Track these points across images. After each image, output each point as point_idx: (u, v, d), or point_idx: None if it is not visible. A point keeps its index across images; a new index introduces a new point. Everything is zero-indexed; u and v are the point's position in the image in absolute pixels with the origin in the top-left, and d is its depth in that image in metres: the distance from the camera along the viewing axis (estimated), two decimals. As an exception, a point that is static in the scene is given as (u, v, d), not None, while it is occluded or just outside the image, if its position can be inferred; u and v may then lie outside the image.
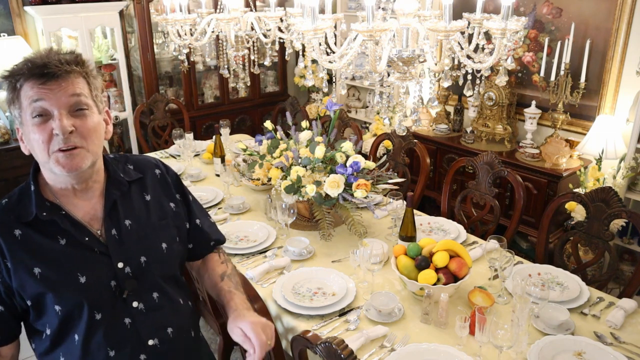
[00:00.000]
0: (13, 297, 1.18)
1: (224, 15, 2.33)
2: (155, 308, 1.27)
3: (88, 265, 1.19)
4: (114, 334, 1.22)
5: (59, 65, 1.12)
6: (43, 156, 1.14)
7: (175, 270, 1.38)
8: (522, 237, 3.43)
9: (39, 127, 1.12)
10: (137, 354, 1.24)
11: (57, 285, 1.16)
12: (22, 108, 1.13)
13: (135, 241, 1.26)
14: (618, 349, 1.62)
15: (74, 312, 1.18)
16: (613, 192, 2.04)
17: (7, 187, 3.62)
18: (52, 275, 1.16)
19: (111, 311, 1.21)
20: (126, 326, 1.23)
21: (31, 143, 1.15)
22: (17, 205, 1.19)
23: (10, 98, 1.14)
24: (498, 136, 3.48)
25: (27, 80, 1.11)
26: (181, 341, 1.33)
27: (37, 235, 1.17)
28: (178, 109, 4.15)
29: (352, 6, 4.39)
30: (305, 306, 1.82)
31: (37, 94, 1.10)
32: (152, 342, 1.26)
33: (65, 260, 1.18)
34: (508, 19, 1.42)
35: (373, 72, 1.53)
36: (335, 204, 2.24)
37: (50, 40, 3.75)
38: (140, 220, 1.29)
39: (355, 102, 4.79)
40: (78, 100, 1.14)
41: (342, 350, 1.19)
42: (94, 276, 1.19)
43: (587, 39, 3.05)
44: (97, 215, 1.25)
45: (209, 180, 3.03)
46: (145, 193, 1.34)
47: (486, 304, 1.76)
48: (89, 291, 1.18)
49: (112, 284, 1.21)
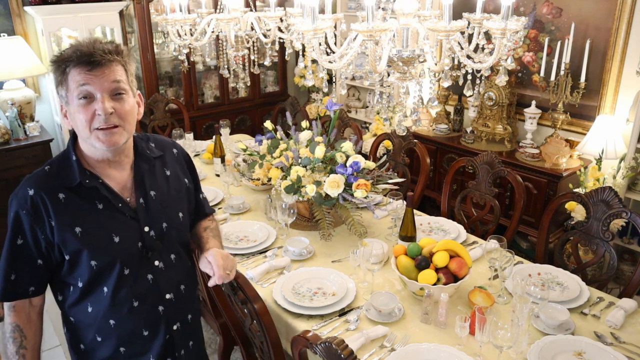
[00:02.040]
0: (52, 252, 1.34)
1: (224, 15, 2.33)
2: (172, 267, 1.47)
3: (121, 227, 1.38)
4: (139, 287, 1.40)
5: (103, 54, 1.28)
6: (85, 132, 1.31)
7: (188, 237, 1.58)
8: (522, 237, 3.43)
9: (83, 108, 1.29)
10: (156, 305, 1.44)
11: (96, 244, 1.34)
12: (69, 90, 1.29)
13: (158, 209, 1.45)
14: (618, 349, 1.62)
15: (107, 267, 1.36)
16: (613, 192, 2.04)
17: (8, 187, 3.61)
18: (92, 234, 1.34)
19: (137, 268, 1.40)
20: (149, 281, 1.42)
21: (75, 120, 1.31)
22: (60, 172, 1.36)
23: (59, 80, 1.30)
24: (498, 136, 3.48)
25: (75, 66, 1.27)
26: (189, 297, 1.54)
27: (78, 199, 1.34)
28: (178, 109, 4.15)
29: (352, 6, 4.39)
30: (305, 306, 1.82)
31: (84, 79, 1.27)
32: (168, 296, 1.46)
33: (102, 222, 1.36)
34: (508, 19, 1.42)
35: (373, 72, 1.53)
36: (335, 204, 2.24)
37: (51, 41, 3.75)
38: (163, 192, 1.48)
39: (355, 102, 4.79)
40: (117, 86, 1.31)
41: (342, 350, 1.19)
42: (125, 237, 1.38)
43: (587, 38, 3.05)
44: (127, 185, 1.42)
45: (209, 180, 3.03)
46: (166, 169, 1.53)
47: (486, 304, 1.76)
48: (121, 250, 1.37)
49: (139, 244, 1.40)
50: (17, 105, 3.70)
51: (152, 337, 1.45)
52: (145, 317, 1.43)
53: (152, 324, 1.44)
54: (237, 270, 1.59)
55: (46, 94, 4.11)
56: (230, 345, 2.30)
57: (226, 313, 1.99)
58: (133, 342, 1.43)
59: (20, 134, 3.66)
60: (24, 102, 3.75)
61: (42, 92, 4.10)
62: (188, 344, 1.54)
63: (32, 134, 3.73)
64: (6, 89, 3.74)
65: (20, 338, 1.37)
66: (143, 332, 1.43)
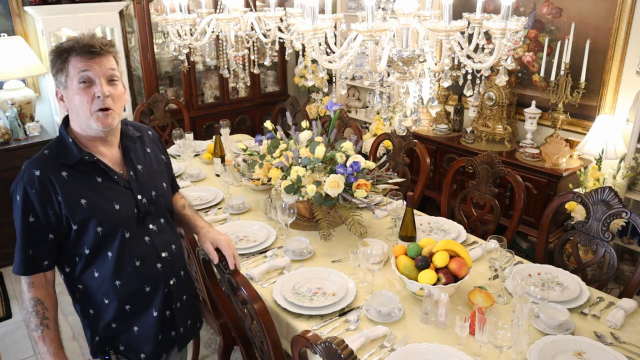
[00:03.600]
0: (61, 224, 1.49)
1: (224, 15, 2.33)
2: (163, 230, 1.68)
3: (119, 196, 1.56)
4: (139, 248, 1.59)
5: (102, 46, 1.48)
6: (86, 113, 1.48)
7: (171, 204, 1.81)
8: (522, 237, 3.43)
9: (84, 91, 1.46)
10: (154, 263, 1.63)
11: (100, 211, 1.51)
12: (68, 76, 1.46)
13: (146, 180, 1.66)
14: (618, 349, 1.62)
15: (111, 232, 1.53)
16: (613, 192, 2.04)
17: (7, 187, 3.60)
18: (96, 204, 1.51)
19: (135, 231, 1.59)
20: (146, 242, 1.62)
21: (74, 103, 1.48)
22: (59, 153, 1.51)
23: (60, 67, 1.47)
24: (498, 136, 3.48)
25: (77, 55, 1.45)
26: (180, 255, 1.75)
27: (79, 175, 1.51)
28: (178, 109, 4.15)
29: (352, 6, 4.39)
30: (305, 306, 1.82)
31: (85, 65, 1.45)
32: (164, 254, 1.65)
33: (103, 192, 1.54)
34: (508, 18, 1.42)
35: (373, 72, 1.53)
36: (335, 204, 2.24)
37: (51, 41, 3.75)
38: (147, 166, 1.69)
39: (355, 102, 4.79)
40: (112, 73, 1.51)
41: (342, 350, 1.19)
42: (124, 205, 1.56)
43: (587, 38, 3.05)
44: (117, 160, 1.62)
45: (209, 180, 3.03)
46: (146, 147, 1.74)
47: (486, 304, 1.76)
48: (121, 216, 1.55)
49: (135, 211, 1.59)
50: (17, 105, 3.70)
51: (154, 292, 1.63)
52: (147, 274, 1.61)
53: (153, 281, 1.63)
54: (237, 270, 1.69)
55: (46, 94, 4.11)
56: (230, 345, 2.30)
57: (226, 313, 1.99)
58: (137, 299, 1.61)
59: (20, 134, 3.66)
60: (24, 102, 3.75)
61: (42, 92, 4.10)
62: (182, 297, 1.73)
63: (32, 134, 3.73)
64: (6, 89, 3.74)
65: (42, 310, 1.51)
66: (145, 289, 1.61)
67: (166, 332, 1.69)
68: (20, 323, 3.10)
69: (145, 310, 1.63)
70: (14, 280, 3.53)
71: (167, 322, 1.69)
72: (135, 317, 1.63)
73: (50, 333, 1.52)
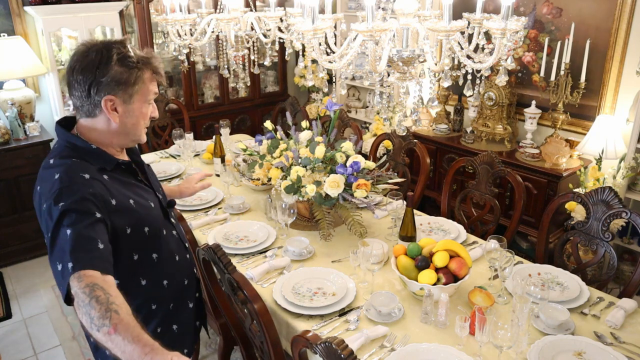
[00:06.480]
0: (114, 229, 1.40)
1: (224, 15, 2.33)
2: (177, 223, 1.75)
3: (149, 195, 1.59)
4: (173, 243, 1.63)
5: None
6: (140, 130, 1.51)
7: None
8: (522, 237, 3.43)
9: (147, 109, 1.50)
10: (185, 254, 1.70)
11: (145, 210, 1.51)
12: (139, 92, 1.45)
13: (154, 181, 1.70)
14: (618, 349, 1.62)
15: (155, 231, 1.53)
16: (613, 192, 2.04)
17: (7, 187, 3.61)
18: (141, 203, 1.51)
19: (167, 227, 1.62)
20: (175, 236, 1.67)
21: (132, 119, 1.46)
22: (90, 159, 1.43)
23: (132, 80, 1.41)
24: (498, 136, 3.48)
25: (152, 72, 1.47)
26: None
27: (118, 177, 1.49)
28: (178, 109, 4.15)
29: (352, 6, 4.39)
30: (305, 306, 1.82)
31: (155, 85, 1.50)
32: (186, 244, 1.75)
33: (140, 193, 1.55)
34: (508, 18, 1.42)
35: (373, 72, 1.53)
36: (335, 204, 2.24)
37: (51, 41, 3.75)
38: (149, 170, 1.72)
39: (355, 102, 4.79)
40: None
41: (342, 350, 1.19)
42: (155, 203, 1.59)
43: (587, 39, 3.05)
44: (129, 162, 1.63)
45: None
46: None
47: (486, 304, 1.76)
48: (156, 214, 1.57)
49: (160, 207, 1.62)
50: (17, 105, 3.69)
51: (191, 284, 1.71)
52: (184, 267, 1.67)
53: (188, 272, 1.71)
54: (237, 270, 1.66)
55: (46, 93, 4.11)
56: (230, 345, 2.30)
57: (226, 313, 1.99)
58: (180, 294, 1.65)
59: (20, 134, 3.66)
60: (24, 102, 3.75)
61: (42, 92, 4.10)
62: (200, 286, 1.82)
63: (32, 134, 3.73)
64: (6, 89, 3.74)
65: (105, 295, 1.17)
66: (184, 282, 1.67)
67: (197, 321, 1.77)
68: (21, 323, 3.10)
69: (183, 305, 1.67)
70: (14, 280, 3.53)
71: (198, 312, 1.77)
72: (175, 315, 1.64)
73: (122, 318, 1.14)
